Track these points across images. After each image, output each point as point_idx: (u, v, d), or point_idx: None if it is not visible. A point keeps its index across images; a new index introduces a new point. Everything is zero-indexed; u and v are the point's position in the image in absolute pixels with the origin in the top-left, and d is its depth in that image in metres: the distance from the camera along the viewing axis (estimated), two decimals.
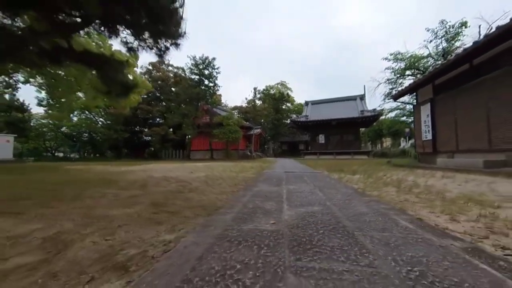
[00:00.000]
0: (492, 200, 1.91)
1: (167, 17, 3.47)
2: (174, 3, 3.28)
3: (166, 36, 3.98)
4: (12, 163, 16.52)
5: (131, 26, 3.83)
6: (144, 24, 3.69)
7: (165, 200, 2.16)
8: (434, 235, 1.09)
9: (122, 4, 3.27)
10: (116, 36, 4.01)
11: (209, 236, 1.08)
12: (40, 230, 1.38)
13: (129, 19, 3.65)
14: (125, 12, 3.45)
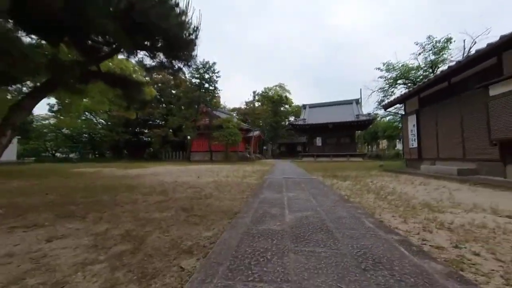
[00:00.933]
0: (442, 206, 2.51)
1: (183, 45, 4.02)
2: (191, 35, 3.83)
3: (180, 59, 4.53)
4: (16, 164, 16.87)
5: (149, 50, 4.38)
6: (161, 49, 4.24)
7: (190, 206, 2.72)
8: (384, 232, 1.67)
9: (146, 35, 3.82)
10: (134, 57, 4.56)
11: (238, 233, 1.65)
12: (112, 229, 1.93)
13: (148, 45, 4.20)
14: (146, 40, 4.00)
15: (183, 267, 1.22)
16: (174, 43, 3.87)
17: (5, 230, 1.95)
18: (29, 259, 1.38)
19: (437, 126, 6.10)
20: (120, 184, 5.04)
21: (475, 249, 1.37)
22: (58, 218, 2.31)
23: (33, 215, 2.44)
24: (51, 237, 1.74)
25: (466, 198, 2.90)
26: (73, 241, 1.66)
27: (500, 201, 2.70)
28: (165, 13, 3.22)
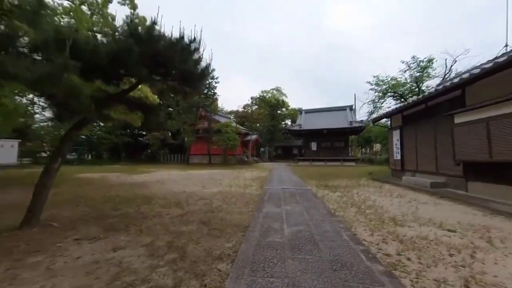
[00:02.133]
0: (405, 220, 3.24)
1: (196, 79, 4.67)
2: (204, 71, 4.49)
3: (192, 86, 5.18)
4: (17, 168, 17.13)
5: (163, 77, 5.01)
6: (176, 80, 4.88)
7: (207, 219, 3.38)
8: (354, 243, 2.37)
9: (163, 68, 4.46)
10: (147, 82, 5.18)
11: (251, 245, 2.33)
12: (156, 241, 2.57)
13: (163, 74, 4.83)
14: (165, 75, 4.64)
15: (220, 269, 1.89)
16: (189, 77, 4.52)
17: (73, 242, 2.58)
18: (112, 264, 2.03)
19: (416, 142, 6.90)
20: (134, 194, 5.64)
21: (410, 256, 2.09)
22: (106, 231, 2.94)
23: (83, 228, 3.06)
24: (114, 248, 2.38)
25: (427, 212, 3.65)
26: (133, 251, 2.31)
27: (451, 215, 3.46)
28: (185, 58, 3.88)
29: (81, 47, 2.90)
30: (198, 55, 4.36)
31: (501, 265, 1.90)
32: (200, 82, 4.75)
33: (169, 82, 4.79)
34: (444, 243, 2.39)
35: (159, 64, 3.89)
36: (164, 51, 3.63)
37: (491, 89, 4.32)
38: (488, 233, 2.67)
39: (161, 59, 3.76)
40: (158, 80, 4.44)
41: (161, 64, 3.91)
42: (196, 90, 5.14)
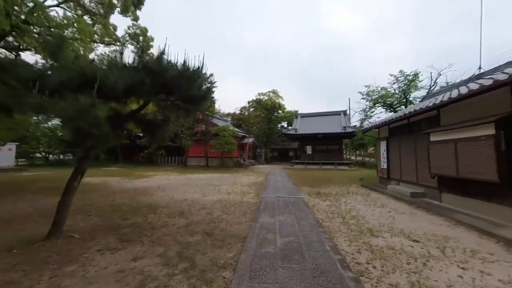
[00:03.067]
0: (381, 231, 3.77)
1: (199, 99, 5.12)
2: (206, 93, 4.95)
3: (195, 105, 5.63)
4: (16, 171, 17.22)
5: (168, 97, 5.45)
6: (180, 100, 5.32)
7: (210, 230, 3.84)
8: (334, 253, 2.88)
9: (170, 93, 4.90)
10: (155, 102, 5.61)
11: (249, 255, 2.81)
12: (168, 251, 3.02)
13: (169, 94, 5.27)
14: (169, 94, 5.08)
15: (224, 277, 2.37)
16: (192, 99, 4.98)
17: (97, 253, 3.02)
18: (135, 273, 2.48)
19: (400, 153, 7.50)
20: (139, 203, 6.05)
21: (376, 264, 2.61)
22: (122, 242, 3.38)
23: (101, 239, 3.49)
24: (134, 258, 2.83)
25: (401, 223, 4.20)
26: (150, 261, 2.77)
27: (421, 226, 4.01)
28: (191, 85, 4.34)
29: (101, 82, 3.34)
30: (201, 81, 4.83)
31: (444, 271, 2.44)
32: (202, 102, 5.21)
33: (174, 101, 5.23)
34: (406, 252, 2.92)
35: (166, 89, 4.35)
36: (172, 80, 4.08)
37: (460, 113, 4.91)
38: (445, 243, 3.22)
39: (169, 86, 4.22)
40: (164, 100, 4.90)
41: (168, 89, 4.37)
42: (198, 108, 5.61)
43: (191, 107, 5.57)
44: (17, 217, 4.79)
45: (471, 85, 4.69)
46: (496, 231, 3.43)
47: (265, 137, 31.68)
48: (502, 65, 5.88)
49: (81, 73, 3.21)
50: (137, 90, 3.76)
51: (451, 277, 2.32)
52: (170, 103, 5.27)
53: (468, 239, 3.39)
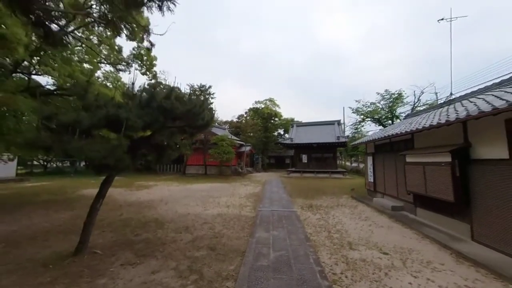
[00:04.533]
0: (359, 244, 4.44)
1: (203, 126, 5.81)
2: (211, 119, 5.64)
3: (199, 130, 6.32)
4: (17, 182, 17.51)
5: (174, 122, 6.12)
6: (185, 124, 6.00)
7: (213, 245, 4.46)
8: (316, 265, 3.54)
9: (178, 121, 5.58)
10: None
11: (247, 268, 3.46)
12: (180, 265, 3.63)
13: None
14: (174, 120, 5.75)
15: (228, 286, 3.00)
16: (196, 126, 5.67)
17: (120, 267, 3.61)
18: (156, 284, 3.09)
19: (384, 169, 8.25)
20: (146, 217, 6.61)
21: (347, 274, 3.27)
22: (138, 257, 3.98)
23: (120, 254, 4.08)
24: (152, 271, 3.44)
25: (377, 237, 4.88)
26: (166, 273, 3.38)
27: (393, 239, 4.70)
28: (197, 117, 5.03)
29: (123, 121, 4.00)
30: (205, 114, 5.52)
31: (399, 280, 3.11)
32: (206, 127, 5.91)
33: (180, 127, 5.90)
34: (374, 263, 3.60)
35: (175, 121, 5.04)
36: (181, 115, 4.78)
37: (428, 139, 5.69)
38: (409, 255, 3.91)
39: (178, 119, 4.92)
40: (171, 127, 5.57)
41: (177, 121, 5.06)
42: (202, 131, 6.29)
43: (195, 131, 6.26)
44: (38, 233, 5.33)
45: (437, 115, 5.51)
46: (452, 244, 4.14)
47: (262, 145, 32.41)
48: (469, 94, 6.71)
49: (107, 116, 3.88)
50: (153, 126, 4.44)
51: (404, 285, 2.99)
52: (176, 129, 5.93)
53: (428, 251, 4.08)
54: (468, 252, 3.79)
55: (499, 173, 3.73)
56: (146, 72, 13.59)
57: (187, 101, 5.11)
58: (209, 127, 5.86)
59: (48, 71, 7.49)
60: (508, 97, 3.53)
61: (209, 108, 5.78)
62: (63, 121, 3.47)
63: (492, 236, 3.88)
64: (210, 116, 5.80)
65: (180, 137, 6.43)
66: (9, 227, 5.67)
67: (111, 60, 12.40)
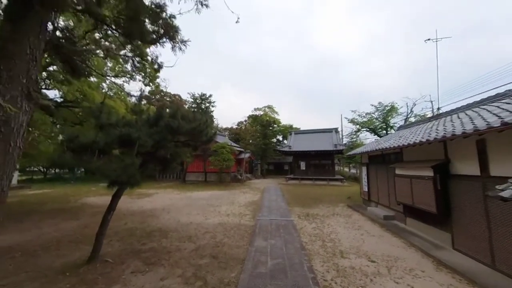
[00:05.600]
0: (350, 252, 4.81)
1: (206, 141, 6.25)
2: (214, 135, 6.07)
3: (202, 144, 6.75)
4: (19, 189, 17.74)
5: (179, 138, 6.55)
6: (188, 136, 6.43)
7: (216, 254, 4.82)
8: (309, 272, 3.90)
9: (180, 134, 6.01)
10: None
11: (247, 274, 3.82)
12: (185, 272, 3.98)
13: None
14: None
15: None
16: (200, 141, 6.10)
17: (131, 275, 3.96)
18: None
19: (377, 179, 8.67)
20: (149, 227, 6.94)
21: (337, 281, 3.63)
22: (147, 265, 4.33)
23: (130, 262, 4.43)
24: (161, 278, 3.79)
25: (368, 245, 5.25)
26: (173, 280, 3.73)
27: (382, 248, 5.07)
28: (201, 134, 5.47)
29: (135, 141, 4.43)
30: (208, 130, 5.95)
31: (383, 286, 3.48)
32: (209, 142, 6.35)
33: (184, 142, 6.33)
34: (362, 271, 3.96)
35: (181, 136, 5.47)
36: (186, 132, 5.22)
37: (415, 153, 6.14)
38: (394, 263, 4.28)
39: (183, 135, 5.36)
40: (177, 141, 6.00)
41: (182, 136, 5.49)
42: (205, 145, 6.72)
43: (199, 145, 6.69)
44: (50, 242, 5.66)
45: (424, 130, 5.98)
46: (434, 253, 4.52)
47: (261, 152, 32.81)
48: (456, 109, 7.19)
49: (120, 136, 4.31)
50: (161, 144, 4.87)
51: None
52: (181, 143, 6.36)
53: (413, 259, 4.46)
54: (447, 260, 4.17)
55: (472, 188, 4.15)
56: (149, 83, 14.14)
57: (192, 119, 5.57)
58: (213, 141, 6.31)
59: (58, 86, 7.96)
60: (485, 114, 4.00)
61: (211, 124, 6.24)
62: (83, 142, 3.89)
63: (469, 245, 4.27)
64: (213, 132, 6.24)
65: (184, 150, 6.85)
66: (22, 237, 6.00)
67: (115, 73, 12.95)
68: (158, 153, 5.87)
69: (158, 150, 5.74)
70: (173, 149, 5.87)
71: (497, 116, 3.60)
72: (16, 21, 2.18)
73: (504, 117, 3.36)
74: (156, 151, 5.80)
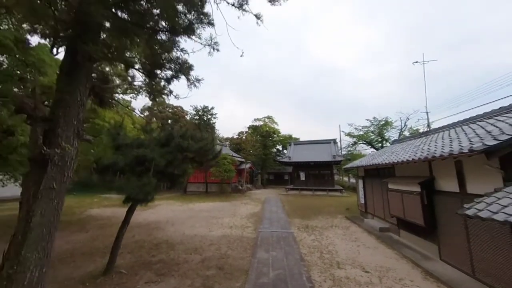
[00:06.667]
0: (346, 264, 5.18)
1: (211, 158, 6.75)
2: (219, 152, 6.58)
3: (207, 161, 7.24)
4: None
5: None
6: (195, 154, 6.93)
7: (221, 265, 5.18)
8: (307, 282, 4.28)
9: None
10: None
11: (251, 284, 4.19)
12: (195, 283, 4.34)
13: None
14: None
15: None
16: (206, 159, 6.59)
17: (145, 285, 4.33)
18: None
19: (373, 192, 9.10)
20: (156, 239, 7.29)
21: None
22: (158, 276, 4.70)
23: (143, 273, 4.80)
24: None
25: (363, 257, 5.62)
26: None
27: (376, 259, 5.44)
28: (207, 153, 5.98)
29: (151, 161, 4.93)
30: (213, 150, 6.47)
31: None
32: (214, 160, 6.85)
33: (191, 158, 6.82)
34: (356, 281, 4.34)
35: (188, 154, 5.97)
36: (194, 152, 5.74)
37: (405, 169, 6.63)
38: (386, 273, 4.66)
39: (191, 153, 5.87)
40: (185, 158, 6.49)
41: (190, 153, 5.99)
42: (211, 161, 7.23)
43: (205, 161, 7.19)
44: (64, 254, 6.02)
45: (413, 147, 6.50)
46: (422, 263, 4.90)
47: (261, 162, 33.22)
48: (444, 126, 7.73)
49: (136, 157, 4.81)
50: (173, 163, 5.37)
51: None
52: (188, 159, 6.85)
53: (403, 269, 4.84)
54: (434, 270, 4.56)
55: (453, 203, 4.61)
56: (155, 99, 14.81)
57: (200, 138, 6.10)
58: (218, 158, 6.82)
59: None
60: (462, 137, 4.53)
61: (216, 141, 6.76)
62: (105, 164, 4.40)
63: (453, 256, 4.67)
64: (219, 150, 6.77)
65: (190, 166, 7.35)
66: None
67: (123, 90, 13.67)
68: (168, 170, 6.36)
69: (168, 167, 6.24)
70: (181, 166, 6.37)
71: (469, 141, 4.14)
72: (69, 74, 2.75)
73: (474, 143, 3.90)
74: (166, 169, 6.31)
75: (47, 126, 2.44)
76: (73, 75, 2.72)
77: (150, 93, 4.63)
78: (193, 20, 3.44)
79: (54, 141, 2.43)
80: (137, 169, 4.79)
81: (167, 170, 6.10)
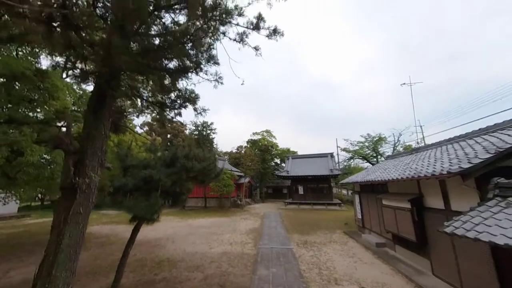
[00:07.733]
0: (342, 279, 5.38)
1: (214, 177, 7.08)
2: (221, 171, 6.92)
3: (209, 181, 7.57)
4: (19, 219, 17.77)
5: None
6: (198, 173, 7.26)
7: (223, 283, 5.34)
8: None
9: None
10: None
11: None
12: None
13: None
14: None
15: None
16: (209, 179, 6.92)
17: None
18: None
19: (369, 207, 9.38)
20: (157, 257, 7.40)
21: None
22: None
23: None
24: None
25: (360, 273, 5.81)
26: None
27: (372, 274, 5.64)
28: (210, 173, 6.33)
29: (157, 182, 5.26)
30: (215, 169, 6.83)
31: None
32: (216, 179, 7.18)
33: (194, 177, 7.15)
34: None
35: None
36: (197, 172, 6.09)
37: (397, 186, 7.01)
38: None
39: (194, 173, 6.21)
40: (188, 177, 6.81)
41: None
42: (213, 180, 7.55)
43: (207, 180, 7.52)
44: None
45: (405, 164, 6.93)
46: (416, 278, 5.13)
47: (260, 175, 33.35)
48: (435, 143, 8.20)
49: (144, 178, 5.15)
50: (178, 183, 5.71)
51: None
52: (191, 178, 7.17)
53: (397, 285, 5.05)
54: (426, 285, 4.79)
55: (440, 219, 4.95)
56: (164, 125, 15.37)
57: (203, 158, 6.49)
58: (220, 177, 7.16)
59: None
60: (445, 156, 4.97)
61: (217, 161, 7.15)
62: (116, 186, 4.73)
63: (443, 271, 4.92)
64: (220, 169, 7.13)
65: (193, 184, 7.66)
66: None
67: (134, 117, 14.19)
68: (172, 189, 6.66)
69: (173, 186, 6.56)
70: (185, 185, 6.69)
71: (450, 162, 4.58)
72: (95, 112, 3.19)
73: (453, 164, 4.34)
74: (171, 188, 6.62)
75: (77, 158, 2.83)
76: (98, 112, 3.16)
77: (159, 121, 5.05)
78: (201, 60, 3.97)
79: (82, 171, 2.81)
80: (144, 189, 5.11)
81: (172, 189, 6.41)
